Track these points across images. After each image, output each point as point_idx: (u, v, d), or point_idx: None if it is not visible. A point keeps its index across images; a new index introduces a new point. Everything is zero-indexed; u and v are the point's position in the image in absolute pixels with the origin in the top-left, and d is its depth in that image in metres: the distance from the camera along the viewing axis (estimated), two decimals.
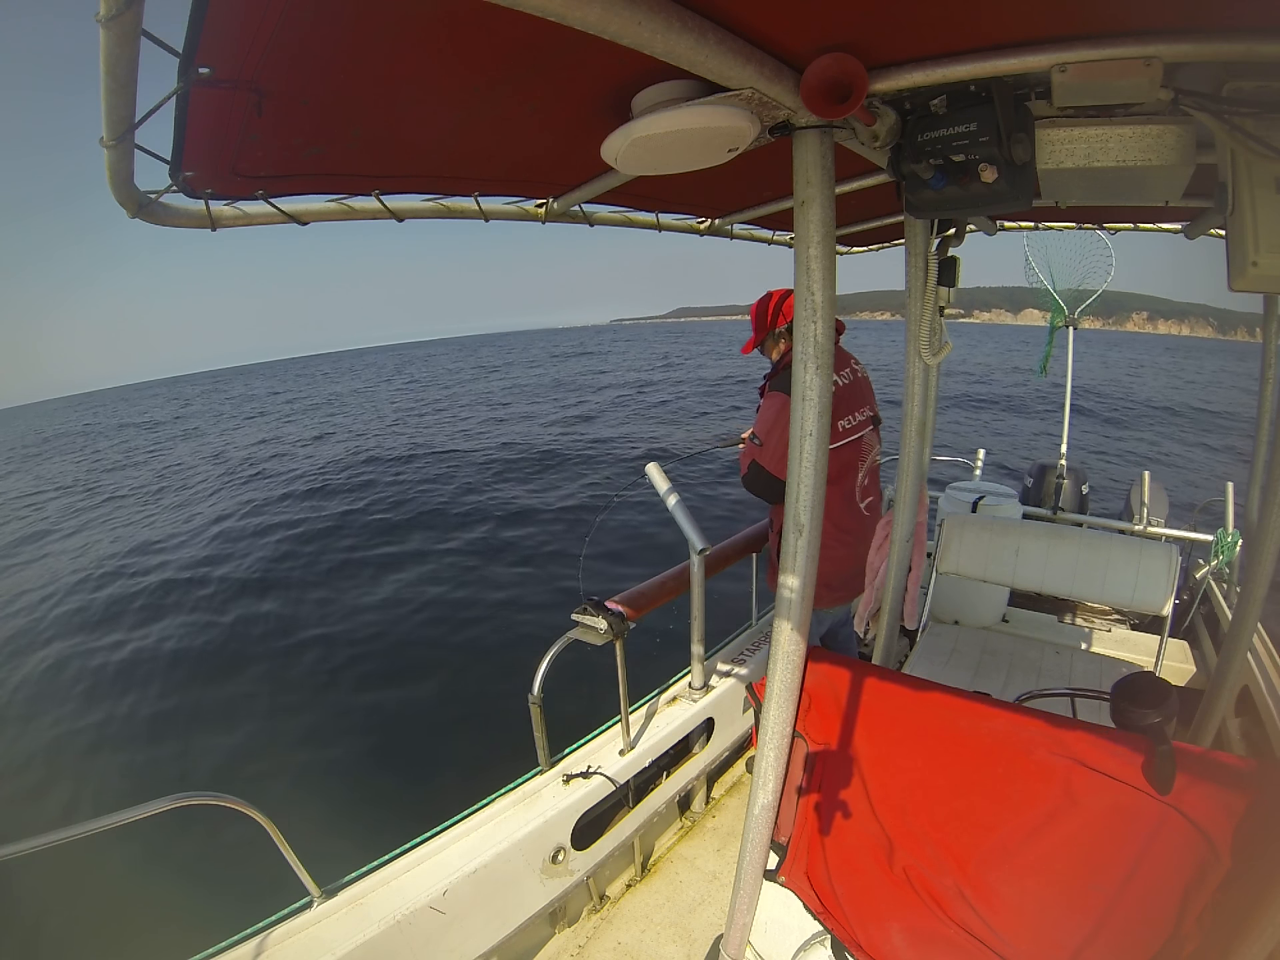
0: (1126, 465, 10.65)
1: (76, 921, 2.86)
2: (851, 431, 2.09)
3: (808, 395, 0.96)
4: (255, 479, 12.01)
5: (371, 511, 8.72)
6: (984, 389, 21.20)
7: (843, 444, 2.05)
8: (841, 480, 2.08)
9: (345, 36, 0.72)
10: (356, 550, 7.30)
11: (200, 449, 18.47)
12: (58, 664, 5.34)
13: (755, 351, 2.25)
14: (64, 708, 4.63)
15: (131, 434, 28.24)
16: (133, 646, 5.45)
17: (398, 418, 19.83)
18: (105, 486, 14.41)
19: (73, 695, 4.82)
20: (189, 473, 14.34)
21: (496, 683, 4.34)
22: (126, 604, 6.42)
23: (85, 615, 6.33)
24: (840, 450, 2.06)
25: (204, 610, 6.04)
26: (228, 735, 4.12)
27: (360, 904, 1.46)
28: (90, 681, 4.98)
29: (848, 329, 2.20)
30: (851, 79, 0.83)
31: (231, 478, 12.61)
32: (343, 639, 5.22)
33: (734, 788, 2.50)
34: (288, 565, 6.98)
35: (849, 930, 1.24)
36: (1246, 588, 1.66)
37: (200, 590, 6.52)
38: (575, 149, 1.22)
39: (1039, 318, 4.36)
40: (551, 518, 7.92)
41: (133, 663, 5.19)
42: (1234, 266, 0.92)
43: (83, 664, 5.27)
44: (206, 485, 12.21)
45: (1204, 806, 0.96)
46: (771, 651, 1.10)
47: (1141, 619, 3.24)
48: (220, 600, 6.21)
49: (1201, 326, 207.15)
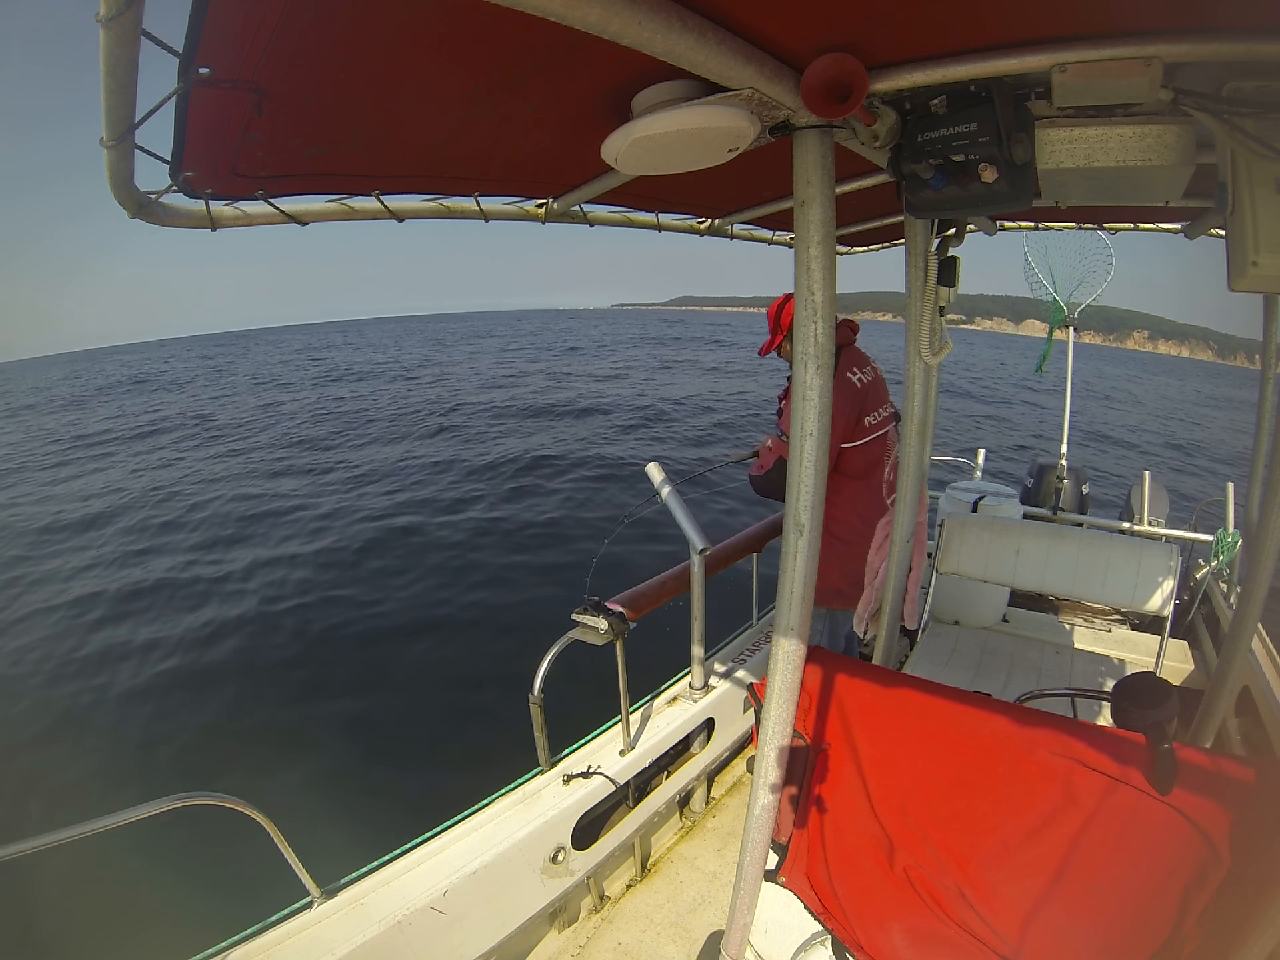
0: (1126, 465, 10.68)
1: (76, 922, 2.86)
2: (877, 427, 2.12)
3: (808, 395, 0.96)
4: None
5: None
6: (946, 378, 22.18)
7: (869, 440, 2.08)
8: (870, 475, 2.11)
9: (345, 36, 0.72)
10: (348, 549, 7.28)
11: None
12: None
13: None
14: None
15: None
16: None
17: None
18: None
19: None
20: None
21: (497, 682, 4.35)
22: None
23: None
24: (868, 446, 2.09)
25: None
26: (225, 728, 4.13)
27: (360, 904, 1.46)
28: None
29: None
30: (851, 79, 0.83)
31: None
32: (340, 640, 5.23)
33: (734, 788, 2.50)
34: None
35: (849, 930, 1.24)
36: (1246, 588, 1.66)
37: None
38: (575, 149, 1.22)
39: (1040, 329, 4.36)
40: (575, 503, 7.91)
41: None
42: (1234, 266, 0.92)
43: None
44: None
45: (1204, 806, 0.96)
46: (772, 651, 1.10)
47: (1141, 619, 3.24)
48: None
49: (1201, 349, 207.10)
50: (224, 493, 9.68)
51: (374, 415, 16.14)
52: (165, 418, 18.67)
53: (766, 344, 2.23)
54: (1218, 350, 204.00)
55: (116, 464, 12.72)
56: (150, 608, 6.01)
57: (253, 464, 11.56)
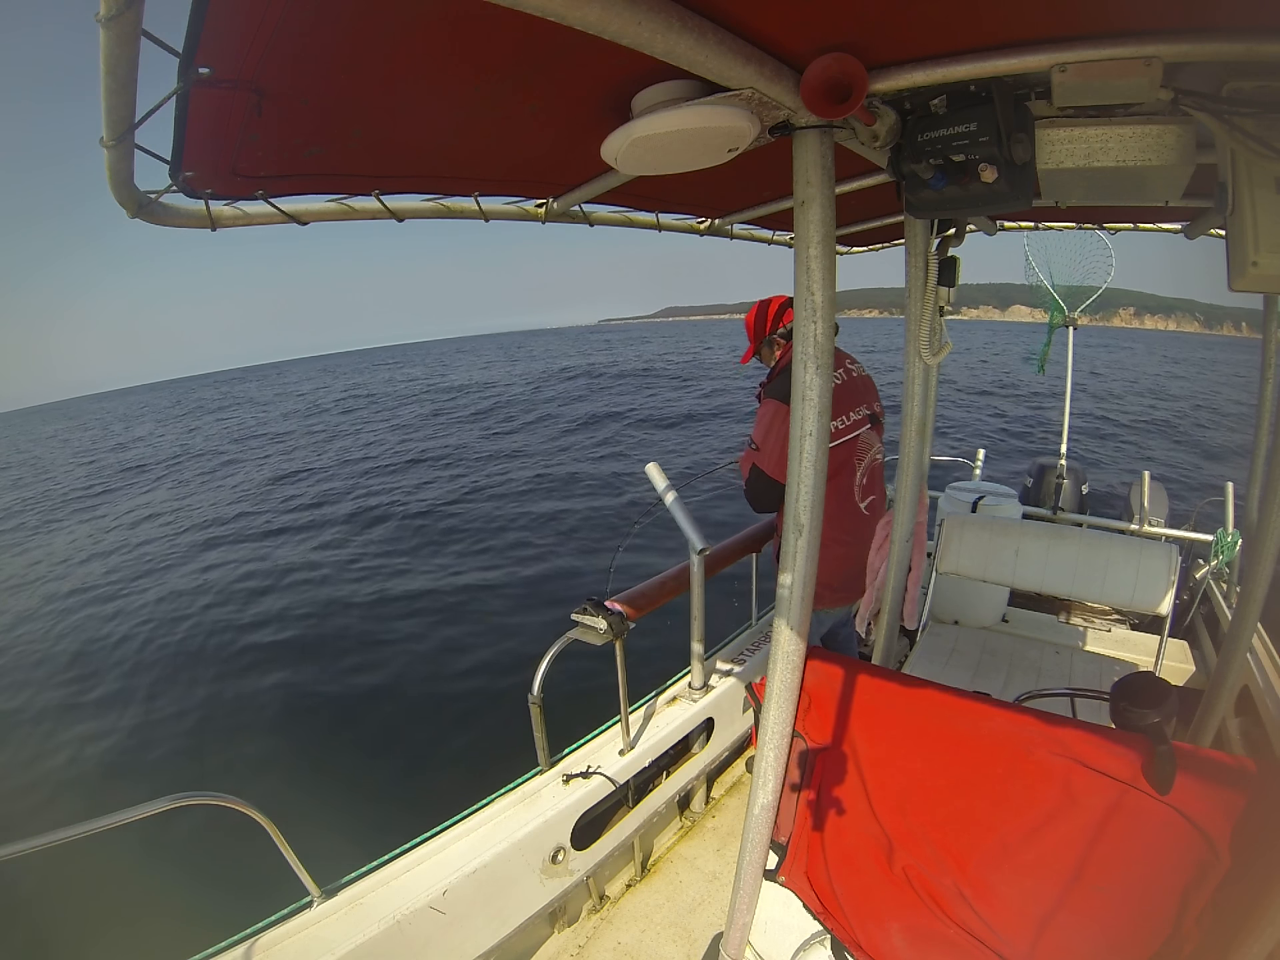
0: (1126, 465, 10.67)
1: (76, 921, 2.86)
2: (846, 431, 2.09)
3: (808, 395, 0.96)
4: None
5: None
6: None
7: (837, 444, 2.06)
8: (836, 478, 2.08)
9: (345, 36, 0.72)
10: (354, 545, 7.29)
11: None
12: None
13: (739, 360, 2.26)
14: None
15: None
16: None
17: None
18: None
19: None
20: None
21: (497, 682, 4.35)
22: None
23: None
24: (834, 449, 2.06)
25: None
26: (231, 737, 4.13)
27: (360, 904, 1.46)
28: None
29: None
30: (851, 79, 0.83)
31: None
32: (343, 639, 5.23)
33: (734, 788, 2.50)
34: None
35: (849, 930, 1.24)
36: (1246, 588, 1.66)
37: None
38: (575, 149, 1.21)
39: (1027, 314, 4.35)
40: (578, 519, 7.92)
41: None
42: (1234, 266, 0.92)
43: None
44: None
45: (1204, 806, 0.96)
46: (771, 651, 1.10)
47: (1141, 619, 3.24)
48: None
49: (1188, 322, 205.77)
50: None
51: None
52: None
53: (748, 351, 2.24)
54: (1204, 321, 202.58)
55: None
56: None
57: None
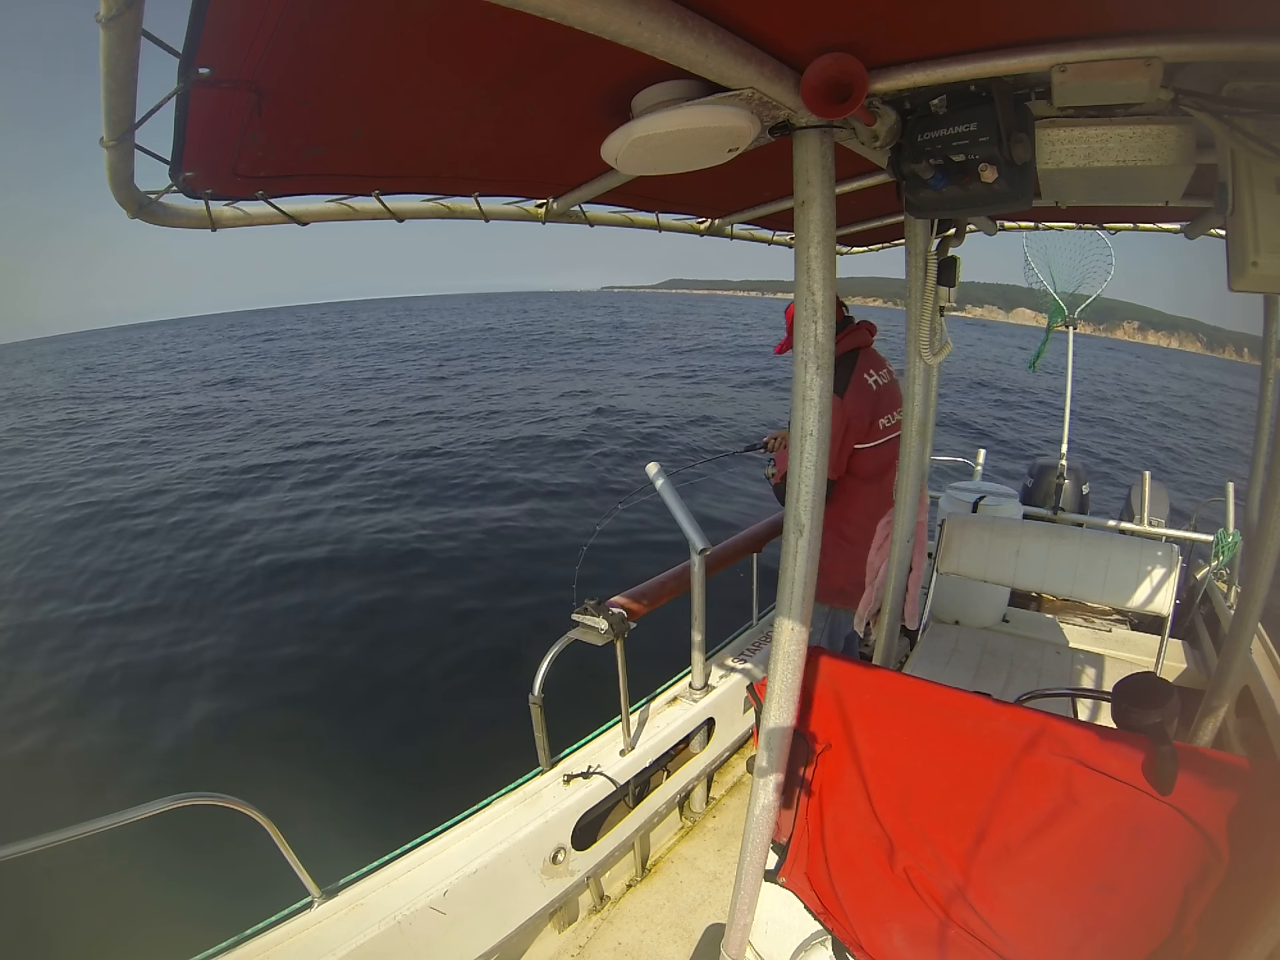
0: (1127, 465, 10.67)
1: (76, 922, 2.86)
2: (891, 430, 2.12)
3: (808, 395, 0.96)
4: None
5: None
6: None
7: (882, 442, 2.08)
8: (882, 478, 2.10)
9: (345, 37, 0.73)
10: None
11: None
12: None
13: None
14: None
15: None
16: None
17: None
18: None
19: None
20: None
21: (497, 683, 4.35)
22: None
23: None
24: (880, 449, 2.09)
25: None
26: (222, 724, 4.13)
27: (360, 904, 1.46)
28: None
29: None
30: (851, 79, 0.83)
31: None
32: (341, 640, 5.22)
33: (734, 788, 2.50)
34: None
35: (850, 931, 1.24)
36: (1246, 588, 1.66)
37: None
38: (575, 149, 1.22)
39: (1030, 317, 4.37)
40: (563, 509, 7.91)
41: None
42: (1234, 266, 0.92)
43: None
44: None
45: (1205, 807, 0.96)
46: (772, 651, 1.10)
47: (1141, 619, 3.24)
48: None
49: (1191, 341, 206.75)
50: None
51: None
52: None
53: (782, 342, 2.24)
54: (1207, 343, 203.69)
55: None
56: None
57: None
